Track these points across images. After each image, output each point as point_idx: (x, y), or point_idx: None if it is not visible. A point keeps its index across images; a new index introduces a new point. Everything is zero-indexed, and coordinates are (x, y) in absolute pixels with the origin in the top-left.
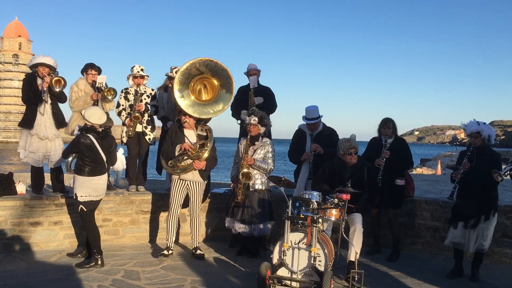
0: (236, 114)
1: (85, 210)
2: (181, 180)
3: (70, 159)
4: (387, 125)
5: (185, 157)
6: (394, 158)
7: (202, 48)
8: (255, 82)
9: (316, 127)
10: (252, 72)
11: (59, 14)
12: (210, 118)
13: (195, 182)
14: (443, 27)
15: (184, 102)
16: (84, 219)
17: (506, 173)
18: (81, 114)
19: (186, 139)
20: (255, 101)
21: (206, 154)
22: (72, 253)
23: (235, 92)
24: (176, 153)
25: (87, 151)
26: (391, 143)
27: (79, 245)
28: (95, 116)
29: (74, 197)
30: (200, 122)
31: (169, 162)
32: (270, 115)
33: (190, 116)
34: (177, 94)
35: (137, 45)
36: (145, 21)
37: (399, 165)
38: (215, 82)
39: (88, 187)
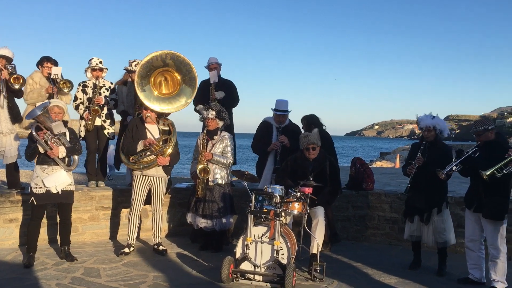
0: None
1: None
2: (144, 176)
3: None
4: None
5: (148, 153)
6: None
7: (162, 41)
8: (215, 77)
9: (284, 119)
10: (213, 66)
11: (13, 7)
12: (171, 112)
13: (158, 178)
14: (402, 22)
15: (145, 95)
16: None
17: (449, 171)
18: (35, 107)
19: (148, 134)
20: (216, 96)
21: (170, 150)
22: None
23: (198, 86)
24: (139, 149)
25: None
26: None
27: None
28: None
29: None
30: (162, 117)
31: (131, 158)
32: (233, 109)
33: (152, 110)
34: (138, 88)
35: (92, 38)
36: (101, 13)
37: None
38: (177, 76)
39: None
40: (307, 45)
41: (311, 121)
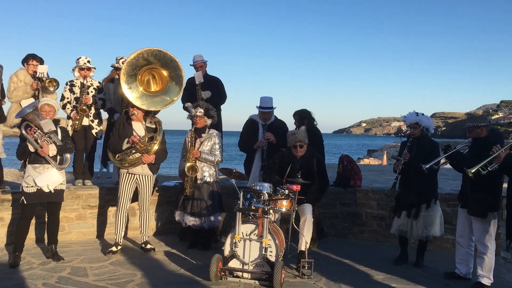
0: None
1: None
2: (130, 174)
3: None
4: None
5: (134, 151)
6: None
7: (150, 38)
8: (200, 77)
9: (269, 116)
10: (198, 64)
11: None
12: (159, 110)
13: (145, 176)
14: (389, 21)
15: (132, 93)
16: None
17: (434, 165)
18: (20, 105)
19: (134, 132)
20: (203, 96)
21: (155, 148)
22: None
23: (185, 83)
24: (124, 147)
25: None
26: None
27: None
28: None
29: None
30: (149, 114)
31: (117, 155)
32: (221, 106)
33: (138, 108)
34: (124, 86)
35: (81, 35)
36: (90, 11)
37: None
38: (164, 73)
39: None
40: (294, 43)
41: (303, 115)
